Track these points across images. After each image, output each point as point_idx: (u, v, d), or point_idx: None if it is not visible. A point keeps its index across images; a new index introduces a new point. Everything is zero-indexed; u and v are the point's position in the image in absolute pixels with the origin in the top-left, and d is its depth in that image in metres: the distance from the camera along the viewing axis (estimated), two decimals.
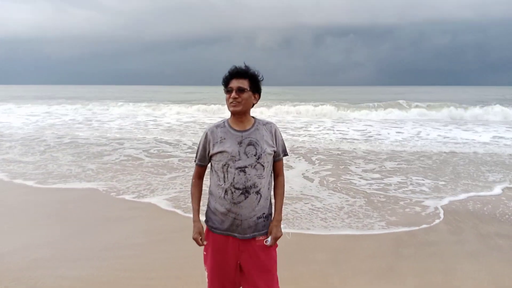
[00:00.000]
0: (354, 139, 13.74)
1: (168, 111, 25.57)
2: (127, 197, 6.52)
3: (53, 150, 11.07)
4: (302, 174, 8.23)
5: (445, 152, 11.00)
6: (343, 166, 9.04)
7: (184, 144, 12.33)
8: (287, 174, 5.89)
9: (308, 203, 6.16)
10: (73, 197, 6.54)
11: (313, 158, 9.91)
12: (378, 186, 7.32)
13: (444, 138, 13.95)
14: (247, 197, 2.39)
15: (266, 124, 2.54)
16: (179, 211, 5.76)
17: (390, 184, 7.43)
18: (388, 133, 15.07)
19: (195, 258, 4.15)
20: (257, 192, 2.41)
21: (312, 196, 6.59)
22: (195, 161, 2.61)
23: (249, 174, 2.38)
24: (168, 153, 10.68)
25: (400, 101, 26.82)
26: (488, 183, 7.54)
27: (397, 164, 9.31)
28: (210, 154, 2.48)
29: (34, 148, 11.23)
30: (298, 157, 10.08)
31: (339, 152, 10.93)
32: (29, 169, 8.40)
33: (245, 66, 2.45)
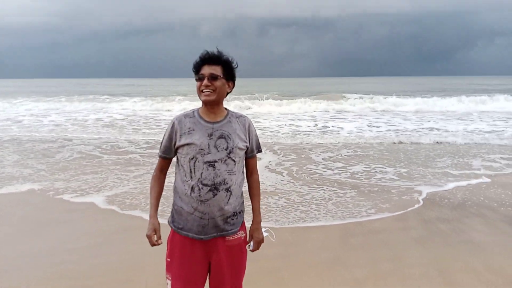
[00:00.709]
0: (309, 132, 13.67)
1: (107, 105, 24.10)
2: (65, 197, 6.10)
3: None
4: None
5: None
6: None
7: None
8: None
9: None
10: (4, 201, 6.01)
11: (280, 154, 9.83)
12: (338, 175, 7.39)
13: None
14: (216, 194, 2.19)
15: (240, 117, 2.36)
16: (118, 210, 5.46)
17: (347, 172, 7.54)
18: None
19: (140, 261, 3.94)
20: (227, 190, 2.22)
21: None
22: (158, 154, 2.37)
23: (218, 170, 2.19)
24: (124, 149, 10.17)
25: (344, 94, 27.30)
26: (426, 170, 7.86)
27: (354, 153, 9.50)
28: (176, 145, 2.26)
29: None
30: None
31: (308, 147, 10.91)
32: None
33: (218, 51, 2.25)
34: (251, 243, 2.34)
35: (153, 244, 2.25)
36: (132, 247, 4.30)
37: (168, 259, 2.32)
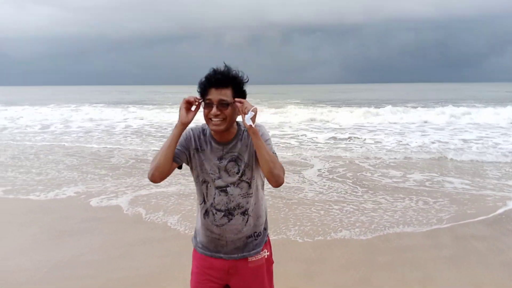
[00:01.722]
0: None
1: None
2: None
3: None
4: None
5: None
6: None
7: None
8: None
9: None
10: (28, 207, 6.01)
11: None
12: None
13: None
14: (231, 219, 2.04)
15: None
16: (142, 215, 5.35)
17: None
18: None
19: (162, 275, 3.81)
20: (244, 213, 2.06)
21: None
22: None
23: (231, 195, 2.02)
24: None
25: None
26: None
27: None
28: (189, 156, 2.04)
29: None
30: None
31: None
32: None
33: (226, 67, 1.94)
34: (247, 115, 1.89)
35: (192, 98, 1.95)
36: (154, 261, 4.17)
37: (192, 275, 2.21)
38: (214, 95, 1.92)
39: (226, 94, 1.92)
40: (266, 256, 2.17)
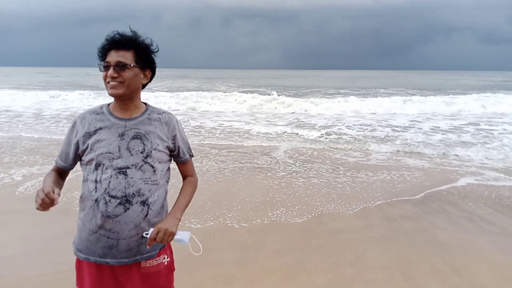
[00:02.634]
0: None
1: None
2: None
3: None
4: None
5: None
6: None
7: None
8: None
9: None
10: None
11: None
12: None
13: None
14: (128, 208, 1.75)
15: (163, 113, 1.92)
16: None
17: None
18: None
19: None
20: (144, 203, 1.79)
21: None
22: (55, 159, 1.92)
23: (131, 178, 1.76)
24: None
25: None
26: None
27: None
28: (78, 151, 1.81)
29: None
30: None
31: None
32: None
33: (131, 31, 1.79)
34: (150, 230, 1.75)
35: (48, 194, 1.56)
36: None
37: None
38: (113, 56, 1.76)
39: (125, 56, 1.76)
40: (165, 263, 1.93)
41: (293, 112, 16.14)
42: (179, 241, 1.78)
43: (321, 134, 11.01)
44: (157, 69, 1.93)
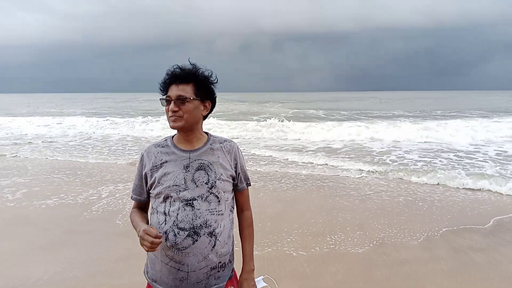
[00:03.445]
0: None
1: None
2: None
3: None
4: None
5: None
6: None
7: None
8: None
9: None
10: None
11: None
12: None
13: None
14: (196, 240, 1.76)
15: (224, 142, 1.93)
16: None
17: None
18: None
19: None
20: (211, 234, 1.79)
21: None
22: (131, 195, 1.99)
23: (198, 209, 1.77)
24: None
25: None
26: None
27: None
28: (147, 184, 1.87)
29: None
30: None
31: None
32: None
33: (191, 64, 1.83)
34: None
35: (155, 236, 1.65)
36: (137, 277, 3.91)
37: None
38: (173, 91, 1.80)
39: (185, 90, 1.80)
40: None
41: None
42: (261, 287, 1.96)
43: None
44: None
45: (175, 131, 1.90)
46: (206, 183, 1.80)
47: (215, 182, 1.81)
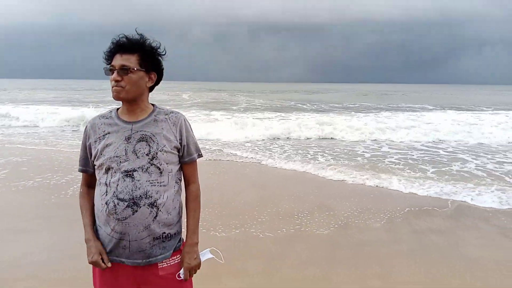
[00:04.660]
0: None
1: None
2: None
3: None
4: None
5: None
6: None
7: None
8: None
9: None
10: None
11: None
12: None
13: None
14: (136, 211, 1.76)
15: (170, 113, 1.92)
16: None
17: None
18: None
19: None
20: (152, 205, 1.79)
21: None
22: (78, 167, 1.98)
23: (138, 180, 1.77)
24: None
25: None
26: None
27: None
28: (92, 155, 1.87)
29: None
30: None
31: None
32: None
33: (138, 34, 1.81)
34: (181, 271, 1.91)
35: (103, 268, 1.83)
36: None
37: (94, 287, 1.95)
38: (117, 60, 1.79)
39: (129, 60, 1.79)
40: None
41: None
42: (205, 259, 2.00)
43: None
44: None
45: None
46: (147, 154, 1.80)
47: (156, 153, 1.81)
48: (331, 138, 12.78)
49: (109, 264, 1.84)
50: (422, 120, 16.87)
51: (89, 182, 1.98)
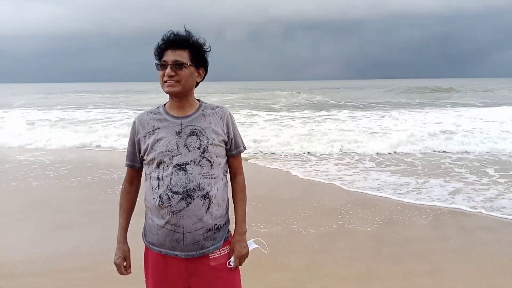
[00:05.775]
0: None
1: None
2: None
3: None
4: None
5: None
6: None
7: None
8: None
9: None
10: None
11: None
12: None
13: None
14: (190, 203, 1.80)
15: (216, 108, 1.96)
16: None
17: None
18: None
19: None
20: (204, 196, 1.83)
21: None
22: (125, 162, 2.02)
23: (191, 173, 1.81)
24: None
25: None
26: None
27: None
28: (141, 150, 1.92)
29: None
30: None
31: None
32: None
33: (186, 31, 1.86)
34: (232, 259, 1.95)
35: (121, 273, 1.96)
36: None
37: (146, 279, 2.00)
38: (170, 56, 1.83)
39: (182, 56, 1.83)
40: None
41: None
42: (252, 248, 2.05)
43: None
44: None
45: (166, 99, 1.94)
46: (198, 148, 1.84)
47: (207, 147, 1.85)
48: None
49: (129, 271, 2.00)
50: None
51: (132, 178, 2.03)
